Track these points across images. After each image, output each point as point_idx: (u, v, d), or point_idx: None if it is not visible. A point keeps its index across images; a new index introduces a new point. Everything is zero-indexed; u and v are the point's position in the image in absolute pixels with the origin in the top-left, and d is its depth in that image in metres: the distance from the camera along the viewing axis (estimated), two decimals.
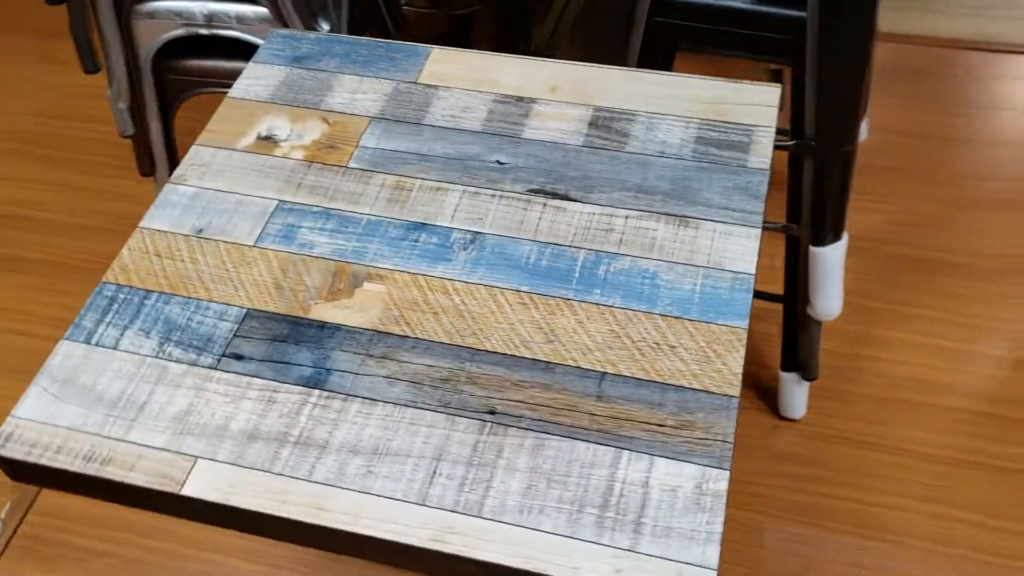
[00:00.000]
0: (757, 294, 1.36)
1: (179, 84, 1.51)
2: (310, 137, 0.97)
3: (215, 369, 0.79)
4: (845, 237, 1.28)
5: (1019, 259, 1.75)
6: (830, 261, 1.26)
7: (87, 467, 0.74)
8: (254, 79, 1.04)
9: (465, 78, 1.02)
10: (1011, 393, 1.57)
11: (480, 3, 2.08)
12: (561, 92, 1.00)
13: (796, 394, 1.49)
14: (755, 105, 0.97)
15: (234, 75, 1.45)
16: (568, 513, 0.69)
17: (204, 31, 1.40)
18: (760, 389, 1.59)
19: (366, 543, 0.70)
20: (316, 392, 0.77)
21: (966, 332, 1.65)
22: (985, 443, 1.52)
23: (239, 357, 0.80)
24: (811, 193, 1.20)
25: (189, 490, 0.72)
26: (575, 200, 0.90)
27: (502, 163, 0.93)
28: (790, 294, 1.37)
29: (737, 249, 0.85)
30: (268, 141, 0.97)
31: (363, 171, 0.94)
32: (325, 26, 1.36)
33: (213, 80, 1.48)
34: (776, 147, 0.94)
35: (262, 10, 1.35)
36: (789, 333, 1.42)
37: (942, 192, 1.86)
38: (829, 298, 1.30)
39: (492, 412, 0.75)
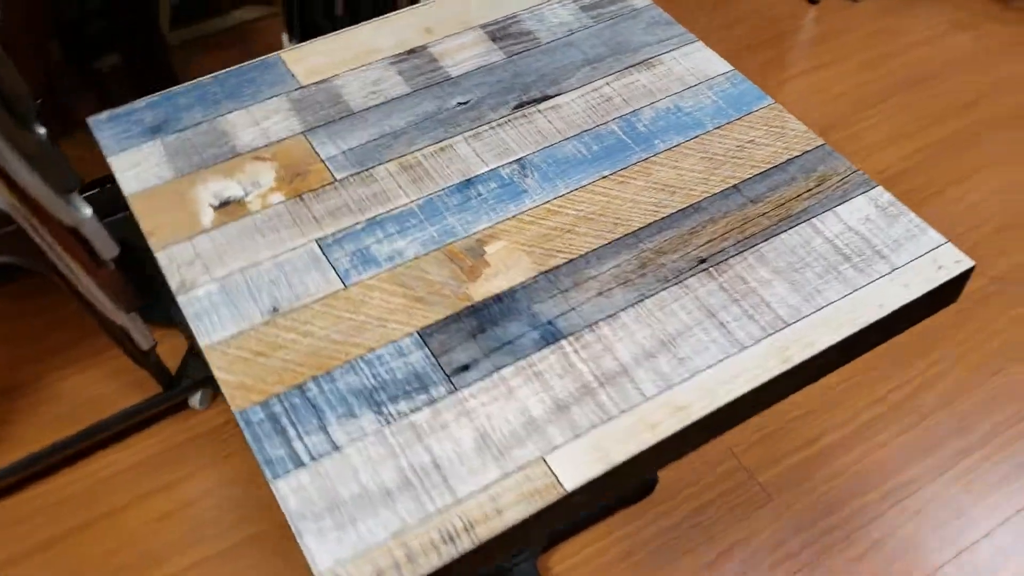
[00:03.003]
0: None
1: None
2: (268, 179, 0.86)
3: (458, 391, 0.71)
4: None
5: None
6: None
7: (463, 544, 0.64)
8: (134, 166, 0.87)
9: (341, 60, 0.96)
10: None
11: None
12: (438, 30, 1.00)
13: None
14: None
15: None
16: (833, 277, 0.78)
17: None
18: None
19: (741, 404, 0.71)
20: (563, 342, 0.74)
21: None
22: None
23: (465, 367, 0.72)
24: None
25: (569, 483, 0.66)
26: (556, 95, 0.93)
27: (464, 102, 0.92)
28: None
29: (703, 60, 0.96)
30: (231, 205, 0.84)
31: (356, 174, 0.86)
32: (41, 130, 1.13)
33: None
34: None
35: None
36: None
37: None
38: None
39: (702, 260, 0.79)
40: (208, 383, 1.50)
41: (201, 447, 1.48)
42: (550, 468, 0.67)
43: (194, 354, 1.53)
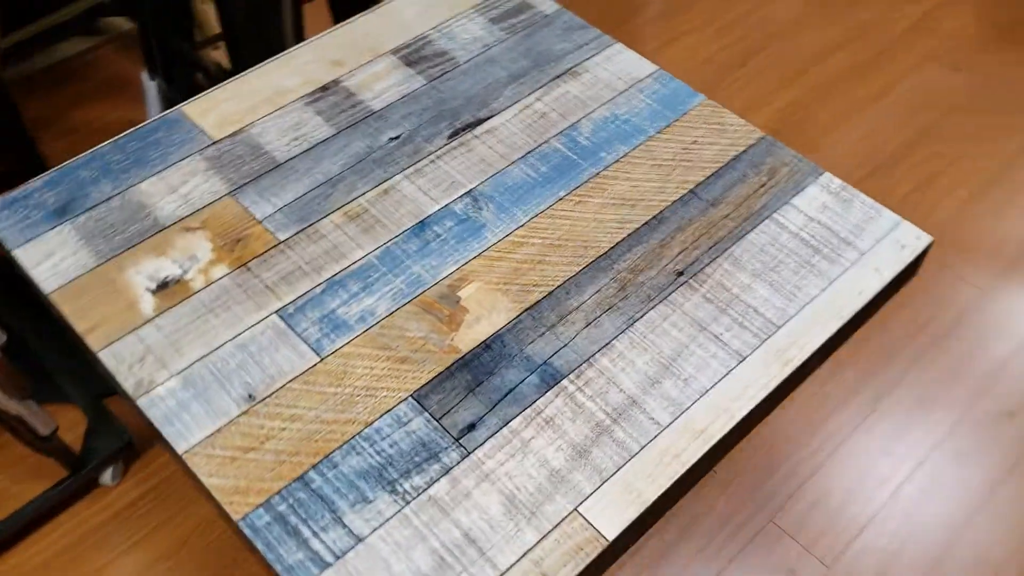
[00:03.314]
0: None
1: None
2: (204, 250, 0.79)
3: (471, 453, 0.67)
4: None
5: None
6: None
7: None
8: (47, 257, 0.78)
9: (251, 107, 0.89)
10: None
11: None
12: (347, 61, 0.94)
13: None
14: None
15: None
16: (808, 271, 0.78)
17: None
18: None
19: (754, 414, 0.71)
20: (564, 382, 0.71)
21: None
22: None
23: (471, 427, 0.69)
24: None
25: (610, 531, 0.64)
26: (488, 118, 0.89)
27: (396, 137, 0.87)
28: None
29: (627, 62, 0.94)
30: (171, 286, 0.76)
31: (301, 232, 0.80)
32: None
33: None
34: None
35: None
36: None
37: None
38: None
39: (680, 273, 0.78)
40: (118, 456, 1.39)
41: (122, 524, 1.38)
42: (587, 520, 0.65)
43: (96, 429, 1.41)
